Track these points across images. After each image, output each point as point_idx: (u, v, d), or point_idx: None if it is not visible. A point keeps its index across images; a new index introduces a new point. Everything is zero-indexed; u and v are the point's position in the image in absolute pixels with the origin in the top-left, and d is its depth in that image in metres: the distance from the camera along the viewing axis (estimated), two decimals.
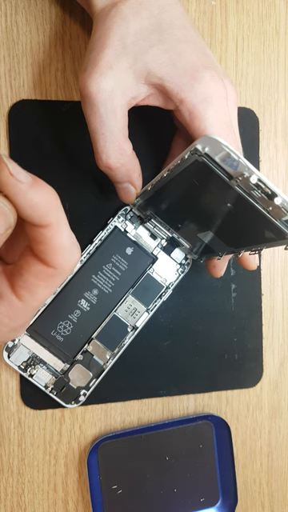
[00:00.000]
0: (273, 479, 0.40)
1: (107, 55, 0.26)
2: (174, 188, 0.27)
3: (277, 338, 0.40)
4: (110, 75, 0.26)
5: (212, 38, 0.37)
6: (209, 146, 0.21)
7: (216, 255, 0.32)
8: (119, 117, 0.27)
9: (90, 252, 0.34)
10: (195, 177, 0.24)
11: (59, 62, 0.34)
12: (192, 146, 0.22)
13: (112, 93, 0.26)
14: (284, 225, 0.23)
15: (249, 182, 0.21)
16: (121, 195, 0.31)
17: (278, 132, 0.39)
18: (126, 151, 0.28)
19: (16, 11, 0.33)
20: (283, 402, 0.40)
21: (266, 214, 0.23)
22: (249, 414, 0.40)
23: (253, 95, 0.38)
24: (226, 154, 0.21)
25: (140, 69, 0.26)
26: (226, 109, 0.27)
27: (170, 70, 0.26)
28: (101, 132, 0.27)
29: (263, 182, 0.21)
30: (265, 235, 0.25)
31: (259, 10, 0.38)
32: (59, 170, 0.34)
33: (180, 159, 0.23)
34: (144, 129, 0.35)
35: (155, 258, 0.35)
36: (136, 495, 0.36)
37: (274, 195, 0.21)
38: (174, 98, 0.27)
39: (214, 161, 0.22)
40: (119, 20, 0.26)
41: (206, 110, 0.26)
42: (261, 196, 0.21)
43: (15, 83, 0.33)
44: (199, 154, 0.22)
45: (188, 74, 0.26)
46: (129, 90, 0.27)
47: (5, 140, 0.33)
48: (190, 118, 0.26)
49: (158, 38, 0.26)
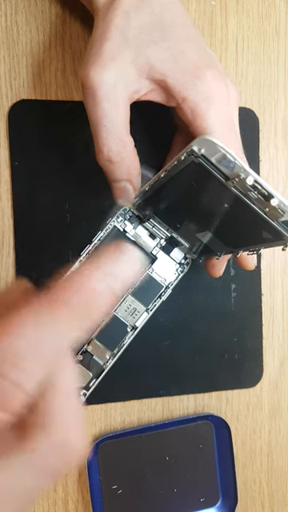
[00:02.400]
0: (273, 479, 0.40)
1: (109, 47, 0.26)
2: (172, 188, 0.27)
3: (277, 338, 0.40)
4: (112, 67, 0.26)
5: (212, 37, 0.37)
6: (205, 147, 0.21)
7: (215, 255, 0.32)
8: (121, 109, 0.26)
9: (89, 252, 0.34)
10: (192, 178, 0.24)
11: (59, 62, 0.34)
12: (188, 147, 0.22)
13: (114, 85, 0.26)
14: (281, 226, 0.23)
15: (245, 184, 0.21)
16: (117, 196, 0.30)
17: (278, 132, 0.39)
18: (128, 145, 0.28)
19: (16, 11, 0.33)
20: (283, 402, 0.40)
21: (263, 215, 0.23)
22: (249, 414, 0.39)
23: (253, 95, 0.38)
24: (222, 155, 0.21)
25: (142, 63, 0.26)
26: (228, 108, 0.27)
27: (172, 66, 0.26)
28: (102, 124, 0.26)
29: (259, 183, 0.21)
30: (262, 236, 0.25)
31: (259, 10, 0.38)
32: (59, 170, 0.34)
33: (177, 160, 0.23)
34: (144, 127, 0.34)
35: (154, 258, 0.35)
36: (136, 495, 0.36)
37: (270, 196, 0.21)
38: (176, 96, 0.26)
39: (210, 162, 0.22)
40: (120, 13, 0.26)
41: (208, 108, 0.26)
42: (257, 197, 0.21)
43: (15, 83, 0.33)
44: (196, 156, 0.22)
45: (190, 72, 0.26)
46: (131, 83, 0.26)
47: (5, 140, 0.33)
48: (192, 116, 0.26)
49: (159, 34, 0.26)
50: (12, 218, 0.33)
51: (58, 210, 0.34)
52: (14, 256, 0.33)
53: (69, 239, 0.34)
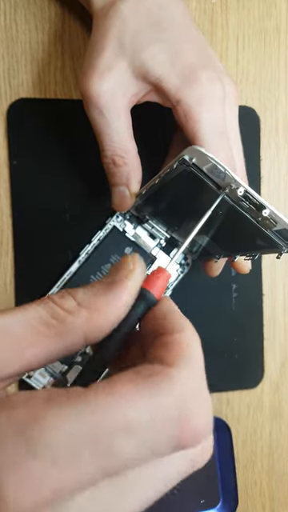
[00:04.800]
0: (273, 480, 0.40)
1: (105, 57, 0.26)
2: (167, 194, 0.27)
3: (278, 339, 0.39)
4: (109, 77, 0.26)
5: (212, 36, 0.37)
6: (196, 156, 0.21)
7: (213, 257, 0.32)
8: (123, 117, 0.27)
9: (88, 252, 0.33)
10: (185, 185, 0.24)
11: (58, 60, 0.33)
12: (179, 156, 0.22)
13: (113, 94, 0.26)
14: (274, 235, 0.23)
15: (237, 194, 0.21)
16: (115, 200, 0.30)
17: (279, 130, 0.38)
18: (131, 151, 0.28)
19: (15, 9, 0.33)
20: (284, 403, 0.40)
21: (256, 224, 0.22)
22: (249, 415, 0.39)
23: (253, 93, 0.38)
24: (212, 165, 0.21)
25: (138, 67, 0.26)
26: (221, 111, 0.27)
27: (167, 69, 0.26)
28: (106, 133, 0.27)
29: (250, 194, 0.21)
30: (257, 243, 0.25)
31: (260, 8, 0.37)
32: (58, 169, 0.34)
33: (169, 168, 0.23)
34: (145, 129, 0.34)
35: (154, 258, 0.35)
36: None
37: (262, 207, 0.21)
38: (171, 98, 0.27)
39: (202, 171, 0.22)
40: (117, 21, 0.26)
41: (200, 112, 0.26)
42: (249, 207, 0.21)
43: (14, 82, 0.33)
44: (187, 165, 0.22)
45: (185, 74, 0.26)
46: (129, 88, 0.27)
47: (4, 139, 0.33)
48: (185, 118, 0.27)
49: (157, 36, 0.26)
50: (11, 217, 0.33)
51: (57, 209, 0.34)
52: (12, 255, 0.33)
53: (68, 239, 0.34)
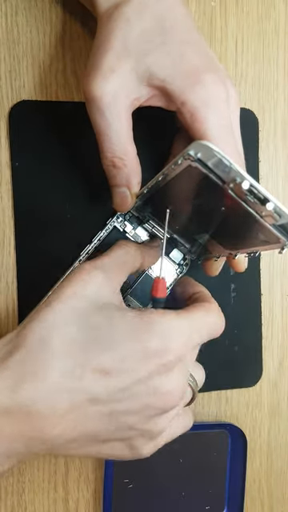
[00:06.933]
0: (272, 478, 0.41)
1: (109, 58, 0.26)
2: (169, 191, 0.28)
3: (276, 338, 0.40)
4: (112, 78, 0.26)
5: (212, 38, 0.37)
6: (201, 151, 0.22)
7: (213, 256, 0.32)
8: (124, 119, 0.27)
9: (88, 252, 0.34)
10: (190, 181, 0.24)
11: (59, 63, 0.34)
12: (185, 151, 0.22)
13: (115, 96, 0.26)
14: (277, 229, 0.23)
15: (241, 188, 0.21)
16: (116, 200, 0.31)
17: (278, 132, 0.39)
18: (130, 153, 0.28)
19: (16, 12, 0.33)
20: (282, 402, 0.40)
21: (259, 219, 0.23)
22: (248, 414, 0.40)
23: (252, 96, 0.38)
24: (218, 159, 0.21)
25: (142, 71, 0.27)
26: (227, 112, 0.27)
27: (171, 72, 0.26)
28: (106, 134, 0.27)
29: (255, 187, 0.21)
30: (259, 238, 0.25)
31: (259, 11, 0.38)
32: (59, 171, 0.34)
33: (174, 163, 0.24)
34: (145, 130, 0.35)
35: None
36: (145, 492, 0.37)
37: (266, 200, 0.21)
38: (175, 100, 0.27)
39: (207, 166, 0.22)
40: (121, 23, 0.26)
41: (206, 112, 0.26)
42: (253, 201, 0.22)
43: (16, 84, 0.33)
44: (192, 160, 0.22)
45: (190, 76, 0.26)
46: (132, 91, 0.27)
47: (5, 141, 0.33)
48: (191, 120, 0.27)
49: (160, 39, 0.27)
50: (13, 218, 0.33)
51: (58, 209, 0.34)
52: (14, 256, 0.34)
53: (69, 239, 0.34)
